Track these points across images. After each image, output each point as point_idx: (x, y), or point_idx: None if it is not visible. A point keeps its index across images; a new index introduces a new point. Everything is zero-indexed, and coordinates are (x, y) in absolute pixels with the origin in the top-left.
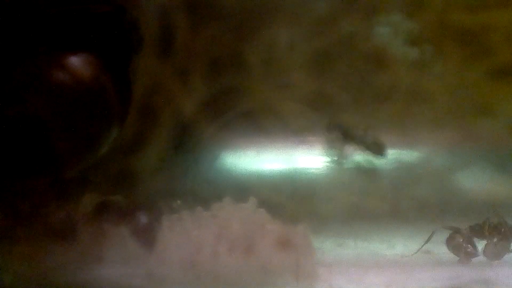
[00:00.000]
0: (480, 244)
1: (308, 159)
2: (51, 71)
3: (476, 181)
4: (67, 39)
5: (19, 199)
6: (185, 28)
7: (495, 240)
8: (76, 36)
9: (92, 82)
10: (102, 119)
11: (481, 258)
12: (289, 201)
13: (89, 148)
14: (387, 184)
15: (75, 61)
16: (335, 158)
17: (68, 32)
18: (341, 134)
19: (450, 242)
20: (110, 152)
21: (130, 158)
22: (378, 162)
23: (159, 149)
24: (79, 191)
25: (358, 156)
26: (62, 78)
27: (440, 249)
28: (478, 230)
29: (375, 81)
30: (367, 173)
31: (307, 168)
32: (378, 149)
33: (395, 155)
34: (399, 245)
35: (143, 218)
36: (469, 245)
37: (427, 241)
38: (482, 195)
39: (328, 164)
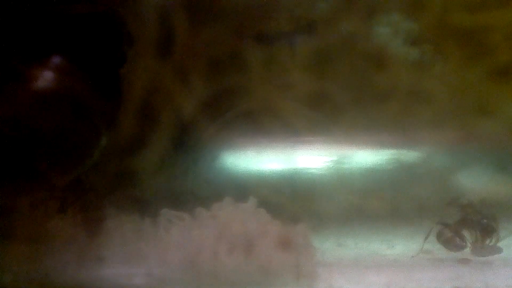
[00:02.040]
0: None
1: (308, 159)
2: (29, 88)
3: (476, 181)
4: (54, 40)
5: (19, 199)
6: (185, 28)
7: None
8: (63, 37)
9: (73, 94)
10: (86, 130)
11: (481, 258)
12: (289, 201)
13: (76, 160)
14: (387, 184)
15: (54, 75)
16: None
17: (56, 34)
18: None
19: (440, 237)
20: (109, 153)
21: (130, 158)
22: (378, 162)
23: (159, 149)
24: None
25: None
26: (40, 93)
27: (440, 249)
28: (463, 222)
29: (375, 81)
30: (367, 173)
31: (307, 168)
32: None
33: (395, 155)
34: (399, 245)
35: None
36: (457, 238)
37: (426, 239)
38: (482, 195)
39: (328, 164)
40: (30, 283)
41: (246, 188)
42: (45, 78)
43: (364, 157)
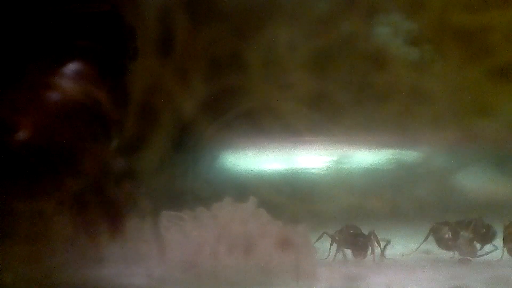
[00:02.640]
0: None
1: (308, 159)
2: (45, 95)
3: (476, 181)
4: (62, 41)
5: (19, 199)
6: (185, 28)
7: (471, 237)
8: (71, 37)
9: (88, 99)
10: (100, 133)
11: (481, 258)
12: (289, 201)
13: (92, 162)
14: (387, 184)
15: (69, 81)
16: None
17: (64, 34)
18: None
19: (436, 233)
20: (110, 152)
21: (130, 158)
22: (378, 162)
23: (159, 149)
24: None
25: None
26: (56, 100)
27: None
28: (463, 226)
29: (375, 81)
30: (367, 173)
31: (307, 168)
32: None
33: (395, 155)
34: (399, 245)
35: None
36: (451, 238)
37: (425, 239)
38: (482, 195)
39: (328, 164)
40: (30, 283)
41: (246, 188)
42: (61, 88)
43: (364, 157)
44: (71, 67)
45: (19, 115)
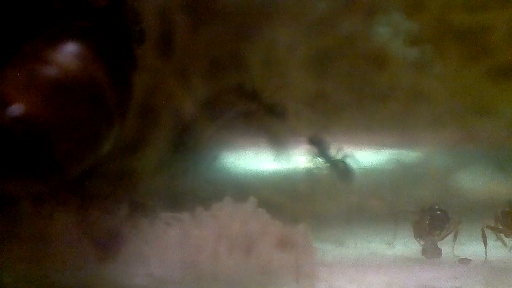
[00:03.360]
0: None
1: (308, 159)
2: (43, 71)
3: (476, 181)
4: (63, 33)
5: (19, 199)
6: (185, 28)
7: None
8: (73, 30)
9: (88, 80)
10: (101, 118)
11: (480, 258)
12: (289, 201)
13: (90, 149)
14: (387, 184)
15: (69, 58)
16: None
17: (65, 26)
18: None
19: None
20: (110, 152)
21: (130, 158)
22: (378, 162)
23: (159, 149)
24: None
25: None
26: (54, 77)
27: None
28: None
29: (375, 81)
30: (367, 173)
31: (307, 168)
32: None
33: (395, 155)
34: (399, 245)
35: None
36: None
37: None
38: (482, 195)
39: (328, 164)
40: (30, 283)
41: (246, 188)
42: (60, 65)
43: (364, 157)
44: (72, 49)
45: (16, 94)
